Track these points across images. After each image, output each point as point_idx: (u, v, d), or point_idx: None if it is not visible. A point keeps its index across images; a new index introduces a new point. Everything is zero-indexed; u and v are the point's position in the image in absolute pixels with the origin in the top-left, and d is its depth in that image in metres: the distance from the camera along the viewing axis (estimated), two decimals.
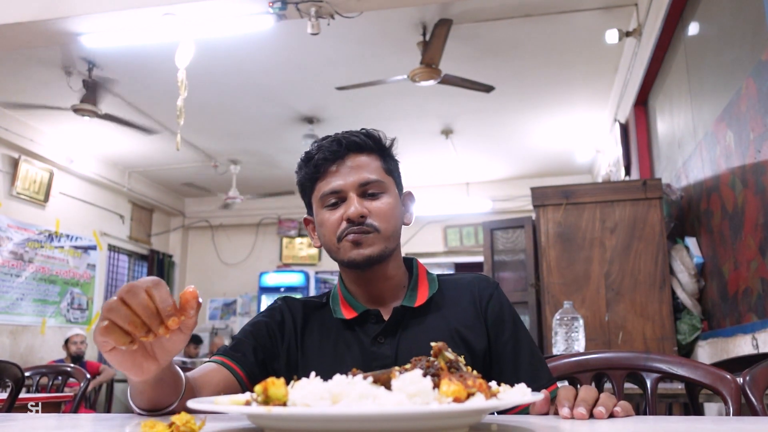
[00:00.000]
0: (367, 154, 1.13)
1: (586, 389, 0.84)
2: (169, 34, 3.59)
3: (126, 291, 0.72)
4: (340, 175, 1.11)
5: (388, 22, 4.25)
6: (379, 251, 1.10)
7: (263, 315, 1.19)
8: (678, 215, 3.75)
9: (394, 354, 1.09)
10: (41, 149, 6.23)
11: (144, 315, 0.72)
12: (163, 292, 0.73)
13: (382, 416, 0.55)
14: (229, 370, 1.09)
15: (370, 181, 1.11)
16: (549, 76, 5.09)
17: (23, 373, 1.98)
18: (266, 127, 6.18)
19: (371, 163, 1.13)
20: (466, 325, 1.12)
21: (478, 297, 1.15)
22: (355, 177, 1.10)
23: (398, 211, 1.15)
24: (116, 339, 0.72)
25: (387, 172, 1.15)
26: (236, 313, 8.70)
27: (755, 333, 2.60)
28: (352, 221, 1.08)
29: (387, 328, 1.11)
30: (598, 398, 0.82)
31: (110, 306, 0.72)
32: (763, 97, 2.43)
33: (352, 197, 1.10)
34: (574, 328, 2.46)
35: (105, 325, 0.71)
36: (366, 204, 1.10)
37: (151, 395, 0.87)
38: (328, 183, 1.11)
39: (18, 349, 6.04)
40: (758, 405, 1.06)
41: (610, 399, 0.82)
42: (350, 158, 1.12)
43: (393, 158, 1.20)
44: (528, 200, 4.08)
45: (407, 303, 1.13)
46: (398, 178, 1.19)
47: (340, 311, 1.15)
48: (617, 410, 0.81)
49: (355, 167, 1.11)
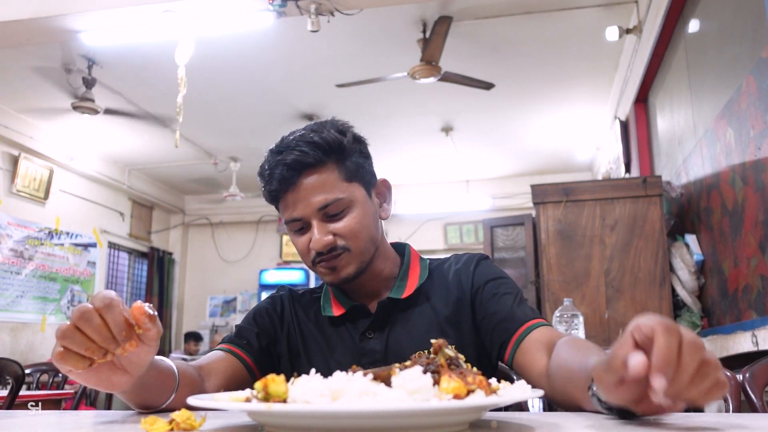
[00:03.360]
0: (320, 170, 1.03)
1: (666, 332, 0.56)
2: (168, 31, 3.58)
3: (78, 317, 0.69)
4: (297, 203, 1.04)
5: (388, 19, 4.24)
6: (355, 269, 1.07)
7: (265, 303, 1.21)
8: (678, 212, 3.75)
9: (384, 349, 1.09)
10: (41, 147, 6.22)
11: (99, 340, 0.69)
12: (116, 315, 0.69)
13: (382, 413, 0.55)
14: (237, 357, 1.10)
15: (330, 203, 1.03)
16: (549, 73, 5.09)
17: (23, 370, 1.98)
18: (266, 124, 6.17)
19: (327, 179, 1.03)
20: (454, 312, 1.11)
21: (464, 275, 1.14)
22: (313, 201, 1.03)
23: (368, 218, 1.08)
24: (74, 364, 0.70)
25: (348, 178, 1.06)
26: (236, 310, 8.71)
27: (755, 330, 2.60)
28: (320, 251, 1.05)
29: (375, 322, 1.11)
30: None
31: (64, 333, 0.69)
32: (763, 95, 2.43)
33: (314, 224, 1.04)
34: (574, 325, 2.46)
35: (60, 352, 0.69)
36: (331, 227, 1.04)
37: (138, 399, 0.86)
38: (287, 211, 1.06)
39: (18, 347, 6.05)
40: (758, 402, 1.06)
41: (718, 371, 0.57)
42: (304, 180, 1.03)
43: (354, 153, 1.08)
44: (528, 197, 4.08)
45: (394, 295, 1.12)
46: (365, 174, 1.10)
47: (329, 308, 1.15)
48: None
49: (310, 190, 1.03)
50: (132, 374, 0.77)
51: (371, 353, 1.08)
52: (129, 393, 0.83)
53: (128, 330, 0.70)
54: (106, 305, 0.69)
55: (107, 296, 0.70)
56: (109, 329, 0.69)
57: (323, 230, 1.04)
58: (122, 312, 0.70)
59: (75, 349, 0.69)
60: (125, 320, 0.70)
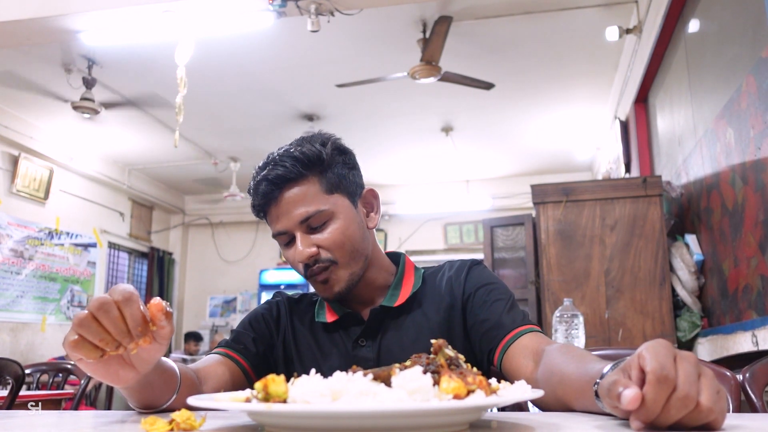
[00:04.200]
0: (301, 183, 1.06)
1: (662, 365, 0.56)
2: (168, 31, 3.58)
3: (97, 307, 0.69)
4: (280, 217, 1.07)
5: (388, 19, 4.24)
6: (346, 282, 1.08)
7: (262, 308, 1.21)
8: (678, 212, 3.75)
9: (376, 356, 1.09)
10: (41, 147, 6.22)
11: (114, 333, 0.70)
12: (135, 309, 0.70)
13: (382, 413, 0.55)
14: (233, 361, 1.11)
15: (311, 215, 1.05)
16: (549, 73, 5.09)
17: (24, 370, 1.98)
18: (266, 124, 6.18)
19: (308, 192, 1.06)
20: (446, 318, 1.11)
21: (456, 282, 1.14)
22: (294, 214, 1.05)
23: (353, 228, 1.09)
24: (86, 353, 0.70)
25: (330, 190, 1.08)
26: (236, 310, 8.71)
27: (755, 330, 2.60)
28: (307, 264, 1.07)
29: (367, 329, 1.11)
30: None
31: (81, 321, 0.69)
32: (763, 94, 2.43)
33: (298, 236, 1.06)
34: (574, 325, 2.46)
35: (75, 339, 0.70)
36: (314, 239, 1.06)
37: (140, 397, 0.86)
38: (273, 225, 1.09)
39: (18, 347, 6.05)
40: (758, 402, 1.06)
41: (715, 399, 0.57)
42: (285, 194, 1.06)
43: (336, 165, 1.10)
44: (528, 197, 4.08)
45: (387, 303, 1.12)
46: (348, 185, 1.11)
47: (323, 314, 1.16)
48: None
49: (292, 203, 1.05)
50: (139, 371, 0.78)
51: (364, 361, 1.09)
52: (132, 390, 0.84)
53: (144, 326, 0.71)
54: (126, 299, 0.70)
55: (127, 290, 0.71)
56: (126, 323, 0.70)
57: (306, 242, 1.06)
58: (140, 307, 0.71)
59: (90, 339, 0.70)
60: (142, 316, 0.71)
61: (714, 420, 0.56)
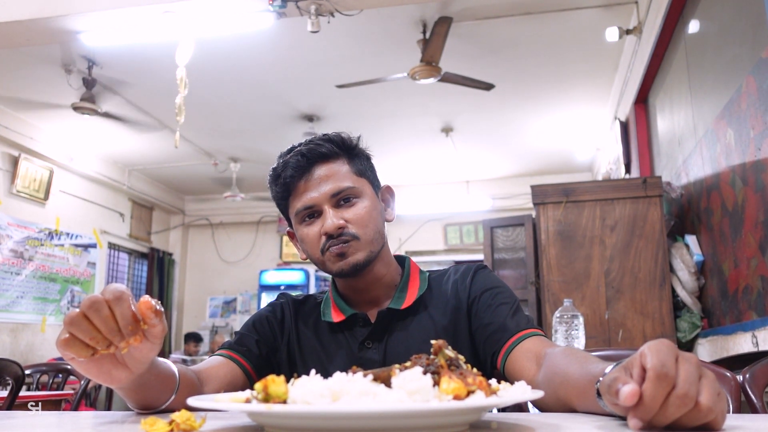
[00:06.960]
0: (334, 161, 1.11)
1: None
2: (169, 32, 3.58)
3: (88, 306, 0.70)
4: (310, 190, 1.09)
5: (389, 19, 4.24)
6: (365, 257, 1.09)
7: (266, 310, 1.21)
8: (678, 213, 3.75)
9: (381, 359, 1.10)
10: (41, 147, 6.22)
11: (105, 331, 0.70)
12: (125, 308, 0.70)
13: (382, 414, 0.55)
14: (236, 363, 1.10)
15: (342, 190, 1.09)
16: (549, 73, 5.09)
17: (23, 371, 1.98)
18: (266, 125, 6.18)
19: (340, 170, 1.10)
20: (451, 322, 1.12)
21: (461, 286, 1.15)
22: (325, 188, 1.08)
23: (376, 212, 1.12)
24: (77, 352, 0.70)
25: (358, 173, 1.13)
26: (236, 311, 8.70)
27: (755, 331, 2.60)
28: (331, 235, 1.07)
29: (374, 331, 1.11)
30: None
31: (72, 319, 0.70)
32: (763, 95, 2.43)
33: (327, 210, 1.08)
34: (574, 326, 2.46)
35: (66, 338, 0.70)
36: (341, 213, 1.08)
37: (137, 398, 0.86)
38: (300, 199, 1.10)
39: (18, 347, 6.05)
40: (758, 402, 1.06)
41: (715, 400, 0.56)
42: (317, 169, 1.09)
43: (363, 157, 1.16)
44: (528, 198, 4.07)
45: (394, 305, 1.12)
46: (372, 176, 1.17)
47: (329, 314, 1.15)
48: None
49: (323, 178, 1.09)
50: (132, 370, 0.77)
51: (369, 363, 1.09)
52: (128, 391, 0.83)
53: (134, 325, 0.71)
54: (116, 298, 0.71)
55: (118, 289, 0.71)
56: (116, 321, 0.71)
57: (335, 215, 1.08)
58: (131, 306, 0.71)
59: (80, 337, 0.70)
60: (133, 315, 0.71)
61: (714, 420, 0.56)
